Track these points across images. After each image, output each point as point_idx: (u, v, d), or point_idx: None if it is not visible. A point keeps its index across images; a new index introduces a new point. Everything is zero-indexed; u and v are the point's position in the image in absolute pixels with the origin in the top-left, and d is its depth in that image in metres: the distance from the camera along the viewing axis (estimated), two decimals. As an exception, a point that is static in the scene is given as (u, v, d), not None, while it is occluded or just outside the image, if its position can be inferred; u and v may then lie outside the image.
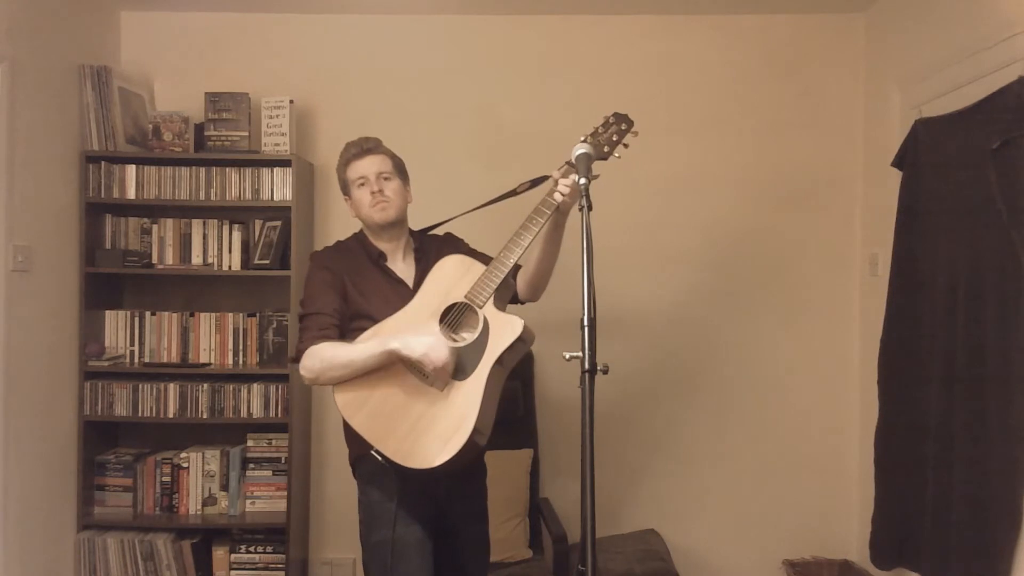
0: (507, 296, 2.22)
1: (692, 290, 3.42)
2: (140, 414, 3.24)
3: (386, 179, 2.22)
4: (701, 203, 3.46)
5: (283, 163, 3.25)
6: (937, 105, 2.78)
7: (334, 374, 2.01)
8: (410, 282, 2.20)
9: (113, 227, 3.35)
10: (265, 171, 3.25)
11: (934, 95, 2.83)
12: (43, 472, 3.02)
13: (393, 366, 2.00)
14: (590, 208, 1.64)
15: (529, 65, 3.46)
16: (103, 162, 3.23)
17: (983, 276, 2.43)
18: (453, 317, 2.06)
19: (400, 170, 2.29)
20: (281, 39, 3.50)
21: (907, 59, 3.07)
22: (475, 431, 1.94)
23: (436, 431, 1.96)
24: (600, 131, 2.12)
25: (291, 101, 3.29)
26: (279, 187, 3.25)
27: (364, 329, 2.08)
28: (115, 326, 3.36)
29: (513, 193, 2.23)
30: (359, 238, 2.29)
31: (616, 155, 2.11)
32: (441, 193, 3.52)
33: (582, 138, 2.02)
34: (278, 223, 3.33)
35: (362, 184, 2.20)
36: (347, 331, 2.12)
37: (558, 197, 2.03)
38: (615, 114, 2.13)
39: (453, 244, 2.32)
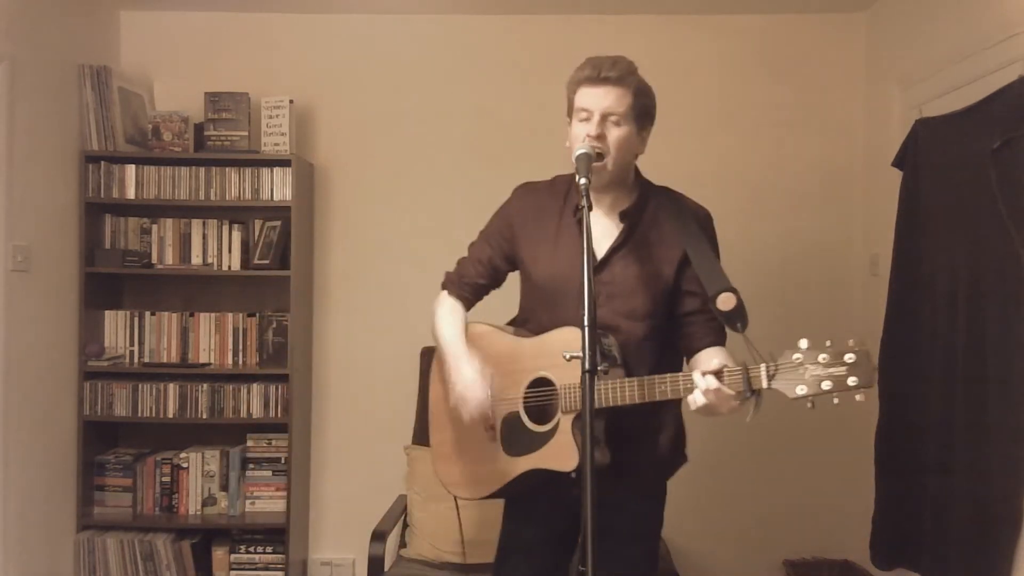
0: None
1: (692, 290, 3.41)
2: (140, 414, 3.24)
3: (615, 123, 1.78)
4: (701, 203, 3.45)
5: (283, 163, 3.25)
6: (937, 105, 2.77)
7: (433, 331, 1.99)
8: (604, 247, 1.83)
9: (113, 227, 3.35)
10: (265, 171, 3.25)
11: (934, 95, 2.83)
12: (43, 472, 3.02)
13: None
14: (590, 208, 1.62)
15: (529, 65, 3.46)
16: (103, 162, 3.22)
17: (983, 276, 2.43)
18: (547, 391, 1.81)
19: (641, 113, 1.85)
20: (281, 39, 3.50)
21: (907, 59, 3.07)
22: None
23: (479, 468, 1.94)
24: (812, 361, 1.59)
25: (291, 101, 3.29)
26: (279, 187, 3.25)
27: (525, 279, 1.94)
28: (115, 326, 3.36)
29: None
30: (572, 179, 1.86)
31: (809, 403, 1.62)
32: (442, 193, 3.53)
33: (796, 356, 1.59)
34: (278, 223, 3.33)
35: (584, 119, 1.78)
36: (500, 278, 2.01)
37: (691, 401, 1.64)
38: (859, 354, 1.59)
39: (684, 226, 1.87)
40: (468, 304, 2.01)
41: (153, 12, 3.49)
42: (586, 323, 1.51)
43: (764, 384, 1.60)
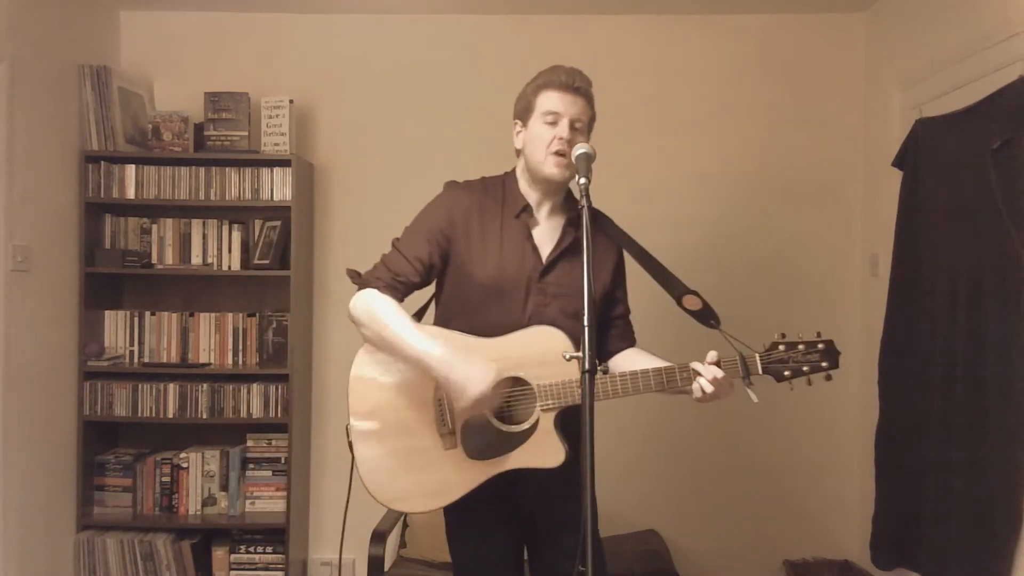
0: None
1: (692, 290, 3.42)
2: (140, 414, 3.24)
3: (578, 130, 1.86)
4: (700, 203, 3.46)
5: (283, 163, 3.25)
6: (937, 105, 2.77)
7: (371, 336, 1.86)
8: (546, 251, 1.91)
9: (113, 227, 3.35)
10: (265, 171, 3.25)
11: (934, 95, 2.83)
12: (43, 472, 3.02)
13: (418, 386, 1.85)
14: (590, 207, 1.63)
15: (529, 65, 3.44)
16: (103, 162, 3.22)
17: (983, 276, 2.43)
18: (511, 392, 1.83)
19: (591, 127, 1.94)
20: (281, 39, 3.50)
21: (907, 59, 3.07)
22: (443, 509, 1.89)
23: (436, 477, 1.84)
24: (793, 350, 1.83)
25: (291, 101, 3.29)
26: (279, 187, 3.25)
27: (459, 278, 1.89)
28: (115, 326, 3.36)
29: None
30: (506, 181, 1.98)
31: (790, 385, 1.84)
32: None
33: (766, 346, 1.82)
34: (278, 223, 3.33)
35: (550, 122, 1.85)
36: (432, 277, 1.94)
37: (696, 390, 1.78)
38: (827, 344, 1.84)
39: (611, 240, 1.98)
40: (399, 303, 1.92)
41: (153, 12, 3.49)
42: (586, 323, 1.51)
43: (759, 371, 1.82)
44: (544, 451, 1.79)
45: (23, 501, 2.89)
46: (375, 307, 1.86)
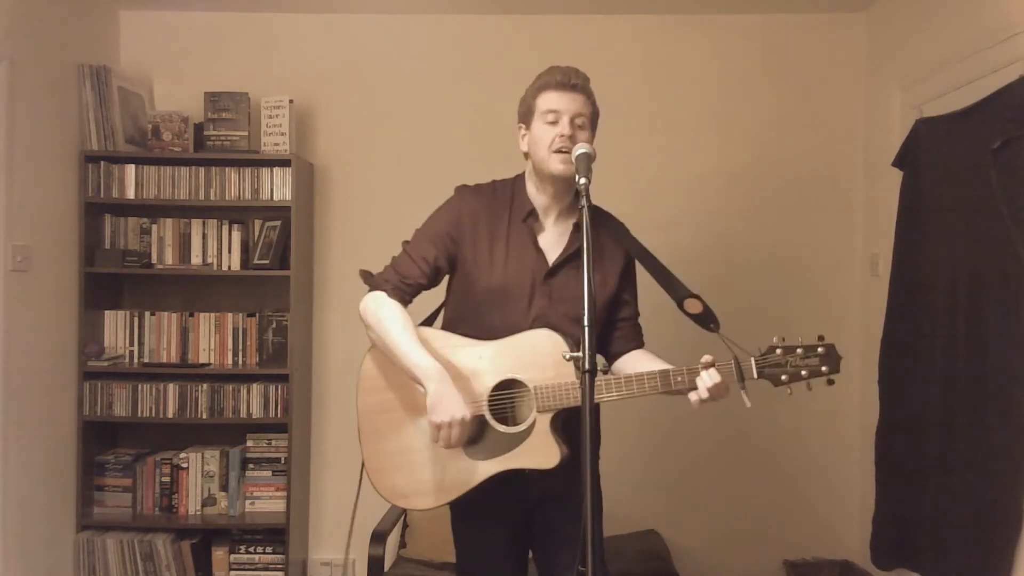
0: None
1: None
2: (139, 414, 3.24)
3: (580, 126, 1.88)
4: (701, 203, 3.46)
5: (283, 163, 3.25)
6: (938, 105, 2.77)
7: (375, 339, 1.92)
8: (553, 256, 1.92)
9: (112, 227, 3.35)
10: (264, 171, 3.25)
11: (935, 95, 2.83)
12: (42, 472, 3.02)
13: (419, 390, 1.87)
14: (590, 207, 1.63)
15: (529, 65, 3.43)
16: (102, 162, 3.22)
17: (984, 276, 2.43)
18: (511, 394, 1.86)
19: (595, 122, 1.94)
20: (281, 39, 3.50)
21: (907, 59, 3.07)
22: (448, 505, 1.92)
23: (436, 475, 1.88)
24: (791, 354, 1.78)
25: (291, 101, 3.29)
26: (279, 187, 3.25)
27: (466, 282, 1.92)
28: (114, 326, 3.36)
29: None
30: (515, 185, 2.00)
31: (788, 390, 1.79)
32: (442, 192, 3.52)
33: (762, 350, 1.79)
34: (277, 223, 3.33)
35: (551, 121, 1.87)
36: (439, 279, 1.98)
37: (693, 398, 1.77)
38: (828, 348, 1.79)
39: (619, 244, 1.99)
40: (405, 306, 1.96)
41: (153, 12, 3.49)
42: (586, 323, 1.51)
43: (754, 375, 1.78)
44: (540, 452, 1.81)
45: (23, 501, 2.89)
46: (380, 312, 1.91)
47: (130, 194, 3.25)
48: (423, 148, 3.48)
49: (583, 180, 1.69)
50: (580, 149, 1.75)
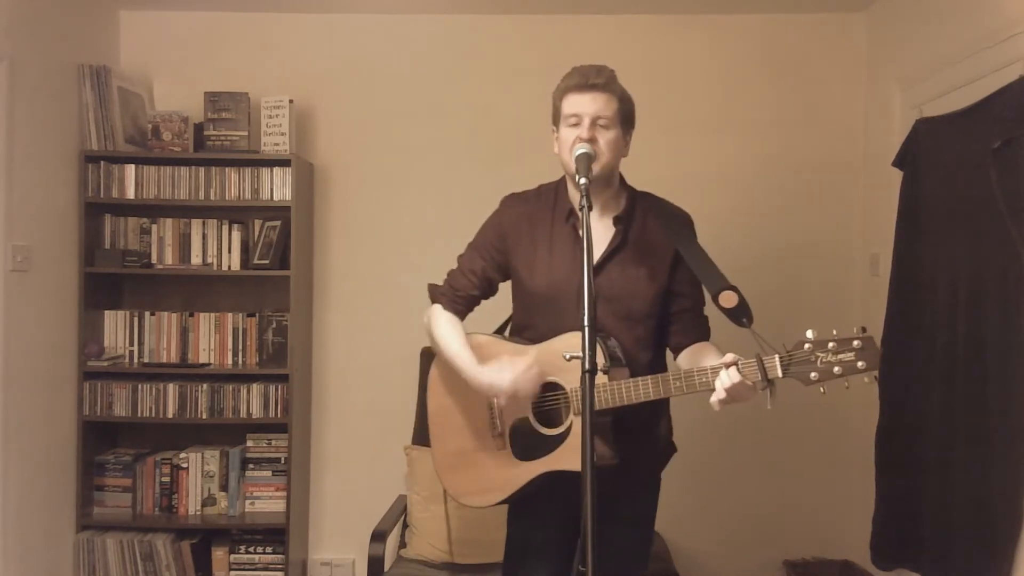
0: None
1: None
2: (139, 414, 3.24)
3: (603, 126, 1.85)
4: (701, 203, 3.40)
5: (282, 163, 3.25)
6: (938, 105, 2.77)
7: (434, 348, 2.04)
8: (599, 251, 1.89)
9: (112, 227, 3.35)
10: (264, 171, 3.25)
11: (935, 95, 2.83)
12: (42, 472, 3.02)
13: (476, 392, 1.93)
14: (590, 207, 1.64)
15: (529, 65, 3.46)
16: (102, 162, 3.22)
17: (984, 276, 2.43)
18: (556, 395, 1.88)
19: (624, 118, 1.91)
20: (281, 39, 3.50)
21: (908, 59, 3.07)
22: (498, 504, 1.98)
23: (489, 475, 1.97)
24: (822, 349, 1.64)
25: (291, 101, 3.29)
26: (278, 187, 3.25)
27: (520, 288, 1.97)
28: (114, 326, 3.36)
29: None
30: (558, 187, 2.00)
31: (821, 389, 1.67)
32: (442, 192, 3.53)
33: (788, 347, 1.67)
34: (277, 223, 3.32)
35: (574, 124, 1.86)
36: (492, 290, 2.06)
37: (712, 399, 1.69)
38: (865, 341, 1.62)
39: (674, 230, 1.94)
40: (462, 316, 2.05)
41: (153, 12, 3.49)
42: (586, 323, 1.51)
43: (779, 373, 1.66)
44: (574, 455, 1.81)
45: (23, 501, 2.89)
46: (433, 323, 2.02)
47: (130, 194, 3.25)
48: (423, 148, 3.48)
49: (583, 180, 1.70)
50: (579, 149, 1.77)
